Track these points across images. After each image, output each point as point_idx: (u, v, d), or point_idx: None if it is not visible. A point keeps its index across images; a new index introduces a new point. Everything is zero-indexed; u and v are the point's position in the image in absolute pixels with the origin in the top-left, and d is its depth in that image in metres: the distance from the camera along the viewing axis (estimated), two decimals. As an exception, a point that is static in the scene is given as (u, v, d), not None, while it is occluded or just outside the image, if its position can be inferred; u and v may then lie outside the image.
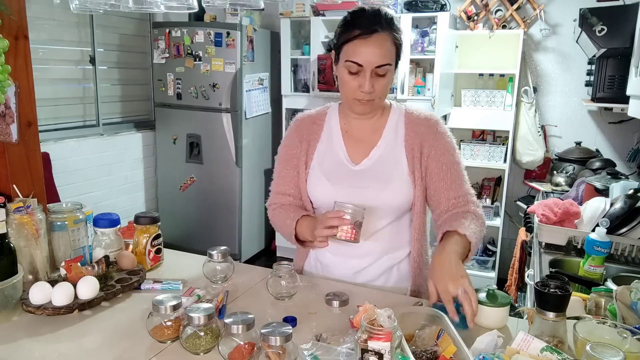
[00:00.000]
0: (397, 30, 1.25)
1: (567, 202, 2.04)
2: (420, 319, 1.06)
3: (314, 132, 1.41)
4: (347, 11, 1.29)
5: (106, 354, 1.01)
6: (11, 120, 1.33)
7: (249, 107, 3.79)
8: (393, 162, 1.33)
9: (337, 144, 1.38)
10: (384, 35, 1.22)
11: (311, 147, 1.40)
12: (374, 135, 1.37)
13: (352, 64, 1.22)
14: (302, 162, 1.40)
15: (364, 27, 1.21)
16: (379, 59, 1.21)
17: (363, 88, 1.23)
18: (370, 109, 1.32)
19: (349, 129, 1.39)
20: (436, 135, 1.34)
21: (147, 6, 1.22)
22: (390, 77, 1.26)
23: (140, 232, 1.42)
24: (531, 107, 3.43)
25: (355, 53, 1.22)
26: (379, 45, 1.21)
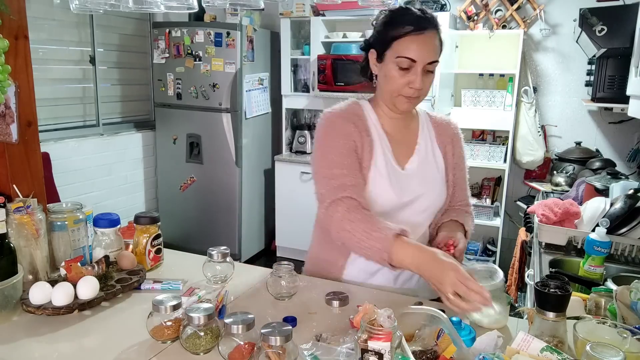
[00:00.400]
0: (439, 29, 1.28)
1: (567, 202, 2.04)
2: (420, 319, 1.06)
3: (364, 130, 1.30)
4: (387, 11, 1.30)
5: (106, 354, 1.01)
6: (11, 120, 1.33)
7: (249, 107, 3.79)
8: (433, 165, 1.37)
9: (385, 146, 1.32)
10: (434, 32, 1.25)
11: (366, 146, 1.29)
12: (412, 137, 1.38)
13: (405, 60, 1.22)
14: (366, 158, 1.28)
15: (415, 24, 1.22)
16: (432, 55, 1.23)
17: (414, 84, 1.23)
18: (414, 106, 1.34)
19: (391, 131, 1.35)
20: (460, 140, 1.43)
21: (147, 6, 1.22)
22: (435, 75, 1.29)
23: (140, 232, 1.42)
24: (531, 107, 3.43)
25: (409, 49, 1.22)
26: (431, 42, 1.23)
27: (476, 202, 3.65)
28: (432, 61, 1.24)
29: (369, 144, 1.29)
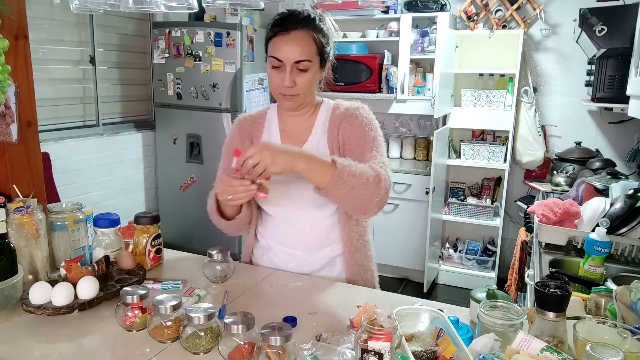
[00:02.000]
0: (317, 29, 1.31)
1: (567, 202, 2.04)
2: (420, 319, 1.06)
3: (255, 130, 1.48)
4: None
5: (106, 354, 1.01)
6: (11, 120, 1.33)
7: (249, 107, 3.79)
8: (319, 154, 1.32)
9: (274, 141, 1.44)
10: (303, 33, 1.29)
11: (256, 142, 1.45)
12: (306, 132, 1.42)
13: (274, 59, 1.30)
14: None
15: (283, 25, 1.30)
16: (297, 55, 1.27)
17: (284, 82, 1.29)
18: (296, 105, 1.37)
19: (285, 127, 1.46)
20: (350, 117, 1.38)
21: (147, 6, 1.22)
22: (313, 73, 1.31)
23: (140, 232, 1.43)
24: (531, 107, 3.43)
25: (276, 49, 1.29)
26: (297, 42, 1.28)
27: (476, 202, 3.65)
28: (299, 60, 1.27)
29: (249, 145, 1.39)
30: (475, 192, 3.81)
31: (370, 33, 3.73)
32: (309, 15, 1.32)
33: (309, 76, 1.31)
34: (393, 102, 3.86)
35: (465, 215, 3.66)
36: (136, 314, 1.08)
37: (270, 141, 1.34)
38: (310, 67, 1.30)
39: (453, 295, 3.60)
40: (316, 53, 1.31)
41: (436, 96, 3.30)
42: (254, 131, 1.48)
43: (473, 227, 3.73)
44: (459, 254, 3.78)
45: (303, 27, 1.29)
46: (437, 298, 3.57)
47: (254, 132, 1.48)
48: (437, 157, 3.36)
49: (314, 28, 1.31)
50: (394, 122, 4.05)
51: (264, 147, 1.16)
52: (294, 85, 1.30)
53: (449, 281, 3.78)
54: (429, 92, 3.64)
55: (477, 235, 3.83)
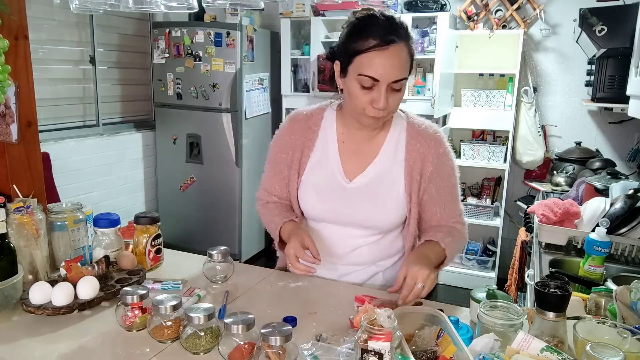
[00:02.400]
0: (412, 40, 1.16)
1: (567, 202, 2.04)
2: (420, 319, 1.06)
3: (308, 139, 1.31)
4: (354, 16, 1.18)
5: (106, 354, 1.01)
6: (11, 120, 1.33)
7: (249, 107, 3.79)
8: (390, 181, 1.27)
9: (332, 156, 1.30)
10: (401, 46, 1.12)
11: (304, 156, 1.32)
12: (373, 148, 1.28)
13: (367, 78, 1.11)
14: (294, 170, 1.33)
15: (380, 37, 1.10)
16: (397, 73, 1.11)
17: (378, 105, 1.13)
18: (380, 124, 1.24)
19: (346, 139, 1.30)
20: (440, 157, 1.26)
21: (147, 6, 1.21)
22: (404, 90, 1.18)
23: (140, 232, 1.42)
24: (531, 107, 3.43)
25: (371, 66, 1.10)
26: (397, 58, 1.11)
27: (476, 202, 3.65)
28: (397, 79, 1.13)
29: (307, 154, 1.31)
30: (475, 192, 3.80)
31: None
32: (403, 23, 1.14)
33: (401, 94, 1.16)
34: (393, 102, 3.86)
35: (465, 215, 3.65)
36: (136, 314, 1.08)
37: (420, 261, 1.14)
38: (404, 84, 1.16)
39: (453, 295, 3.60)
40: (409, 67, 1.16)
41: (436, 96, 3.30)
42: (307, 138, 1.31)
43: (473, 227, 3.67)
44: (459, 253, 3.78)
45: (402, 40, 1.11)
46: (437, 298, 3.57)
47: (306, 140, 1.31)
48: (437, 157, 3.36)
49: (409, 39, 1.14)
50: (394, 122, 4.04)
51: (429, 272, 1.10)
52: (387, 107, 1.15)
53: (449, 281, 3.78)
54: (429, 92, 3.64)
55: (477, 235, 3.83)
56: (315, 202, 1.30)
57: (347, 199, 1.27)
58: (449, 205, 1.31)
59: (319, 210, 1.30)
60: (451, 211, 1.32)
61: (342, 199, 1.27)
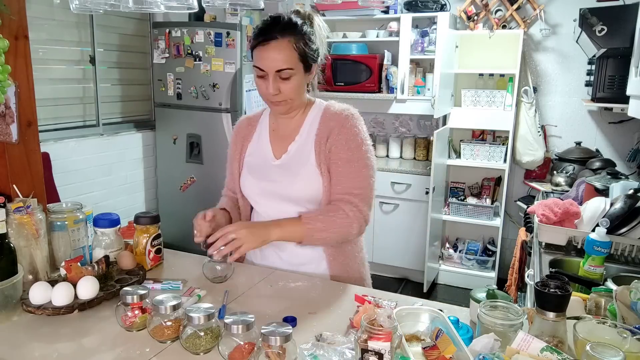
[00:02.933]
0: (298, 35, 1.31)
1: (567, 202, 2.04)
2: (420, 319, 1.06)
3: (248, 132, 1.54)
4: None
5: (106, 354, 1.01)
6: (11, 120, 1.33)
7: (249, 107, 3.79)
8: (304, 156, 1.41)
9: (264, 142, 1.50)
10: (283, 42, 1.30)
11: (244, 146, 1.53)
12: (294, 131, 1.46)
13: (257, 69, 1.33)
14: (235, 160, 1.53)
15: (262, 34, 1.31)
16: (278, 64, 1.30)
17: (269, 90, 1.33)
18: (286, 109, 1.40)
19: (276, 127, 1.50)
20: (341, 129, 1.39)
21: (147, 6, 1.22)
22: (297, 79, 1.34)
23: (140, 232, 1.43)
24: (531, 107, 3.43)
25: (258, 59, 1.32)
26: (277, 51, 1.29)
27: (476, 202, 3.65)
28: (280, 69, 1.30)
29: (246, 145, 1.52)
30: (475, 192, 3.81)
31: (370, 33, 3.73)
32: (290, 21, 1.33)
33: (292, 83, 1.33)
34: (393, 102, 3.86)
35: (465, 215, 3.66)
36: (136, 314, 1.08)
37: (247, 222, 1.40)
38: (293, 74, 1.32)
39: (453, 295, 3.60)
40: (298, 60, 1.32)
41: (436, 96, 3.30)
42: (247, 133, 1.54)
43: (473, 227, 3.73)
44: (459, 254, 3.78)
45: (283, 35, 1.30)
46: (437, 298, 3.57)
47: (247, 134, 1.54)
48: (437, 157, 3.36)
49: (294, 34, 1.31)
50: (394, 122, 4.05)
51: (242, 225, 1.30)
52: (279, 93, 1.33)
53: (449, 281, 3.78)
54: (429, 92, 3.64)
55: (477, 235, 3.83)
56: (251, 182, 1.48)
57: (274, 175, 1.43)
58: (343, 178, 1.38)
59: (255, 189, 1.47)
60: (344, 185, 1.37)
61: (270, 176, 1.44)
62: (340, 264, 1.46)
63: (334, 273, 1.46)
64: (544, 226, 1.95)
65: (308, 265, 1.46)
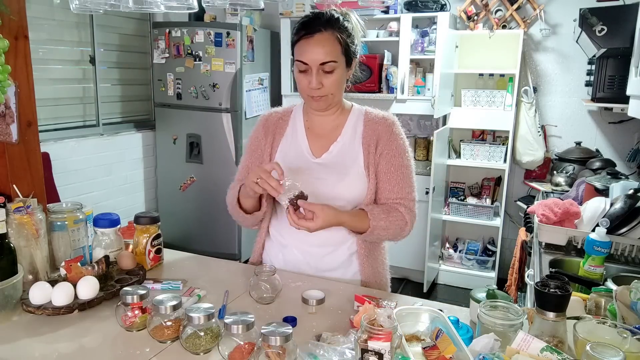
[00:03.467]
0: (341, 29, 1.31)
1: (567, 202, 2.04)
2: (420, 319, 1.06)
3: (279, 127, 1.50)
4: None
5: (106, 354, 1.01)
6: (11, 120, 1.33)
7: (249, 107, 3.79)
8: (351, 156, 1.41)
9: (300, 139, 1.46)
10: (327, 34, 1.30)
11: (276, 140, 1.49)
12: (335, 131, 1.44)
13: (300, 63, 1.32)
14: (266, 153, 1.48)
15: (307, 27, 1.31)
16: (322, 57, 1.29)
17: (311, 85, 1.31)
18: (325, 105, 1.39)
19: (310, 125, 1.48)
20: (391, 135, 1.41)
21: (147, 6, 1.22)
22: (339, 73, 1.33)
23: (140, 232, 1.43)
24: (531, 107, 3.43)
25: (301, 52, 1.31)
26: (322, 44, 1.29)
27: (476, 202, 3.65)
28: (324, 62, 1.29)
29: (278, 139, 1.48)
30: (475, 192, 3.80)
31: (370, 33, 3.72)
32: (332, 15, 1.33)
33: (335, 77, 1.33)
34: (393, 102, 3.86)
35: (465, 215, 3.66)
36: (136, 314, 1.08)
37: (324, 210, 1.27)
38: (336, 67, 1.31)
39: (453, 295, 3.60)
40: (341, 53, 1.32)
41: (436, 96, 3.30)
42: (278, 128, 1.50)
43: (473, 227, 3.72)
44: (459, 254, 3.78)
45: (327, 29, 1.30)
46: (437, 298, 3.57)
47: (278, 129, 1.50)
48: (437, 157, 3.36)
49: (338, 28, 1.31)
50: (394, 122, 4.04)
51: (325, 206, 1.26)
52: (322, 87, 1.32)
53: (449, 281, 3.78)
54: (429, 92, 3.64)
55: (477, 235, 3.83)
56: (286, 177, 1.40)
57: (316, 172, 1.41)
58: (398, 184, 1.40)
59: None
60: (399, 191, 1.40)
61: (310, 173, 1.40)
62: (371, 267, 1.44)
63: (365, 278, 1.44)
64: (544, 226, 1.95)
65: (336, 271, 1.44)
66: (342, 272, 1.44)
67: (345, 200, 1.39)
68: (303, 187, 1.29)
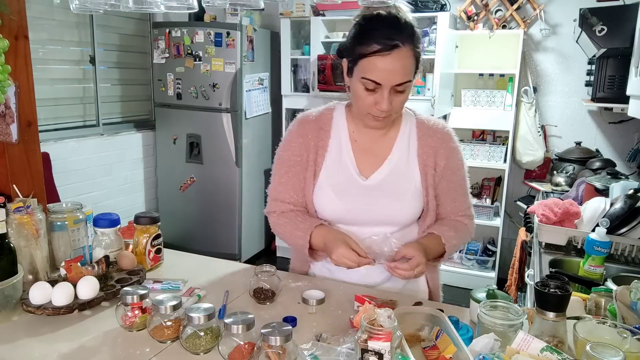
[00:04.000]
0: (418, 41, 1.16)
1: (567, 202, 2.04)
2: (420, 319, 1.06)
3: (321, 140, 1.30)
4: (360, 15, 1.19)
5: (106, 354, 1.01)
6: (11, 120, 1.33)
7: (249, 107, 3.79)
8: (405, 176, 1.28)
9: (346, 155, 1.29)
10: (405, 51, 1.11)
11: (319, 156, 1.30)
12: (386, 146, 1.29)
13: (370, 82, 1.13)
14: (310, 171, 1.30)
15: (383, 42, 1.10)
16: (399, 78, 1.12)
17: (381, 107, 1.14)
18: (386, 124, 1.25)
19: (358, 137, 1.30)
20: (451, 151, 1.30)
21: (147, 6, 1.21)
22: (408, 92, 1.18)
23: (140, 232, 1.42)
24: (531, 107, 3.43)
25: (374, 71, 1.12)
26: (400, 63, 1.11)
27: (476, 202, 3.64)
28: (400, 83, 1.13)
29: (322, 155, 1.30)
30: (475, 192, 3.80)
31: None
32: (410, 24, 1.14)
33: (405, 96, 1.17)
34: (393, 102, 3.86)
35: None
36: (136, 314, 1.08)
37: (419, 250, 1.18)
38: (409, 86, 1.16)
39: (453, 295, 3.59)
40: (414, 69, 1.16)
41: (436, 96, 3.30)
42: (320, 140, 1.30)
43: (473, 227, 3.72)
44: (459, 254, 3.77)
45: (405, 44, 1.11)
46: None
47: (320, 141, 1.30)
48: (437, 157, 3.36)
49: (414, 41, 1.14)
50: (394, 122, 4.04)
51: (423, 260, 1.17)
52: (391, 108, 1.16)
53: (449, 281, 3.78)
54: (429, 92, 3.63)
55: (477, 235, 3.83)
56: (333, 203, 1.27)
57: (365, 196, 1.26)
58: (459, 198, 1.34)
59: (338, 211, 1.27)
60: (460, 204, 1.34)
61: (360, 197, 1.26)
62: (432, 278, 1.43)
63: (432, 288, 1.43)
64: (544, 226, 1.95)
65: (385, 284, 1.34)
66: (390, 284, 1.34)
67: (399, 224, 1.28)
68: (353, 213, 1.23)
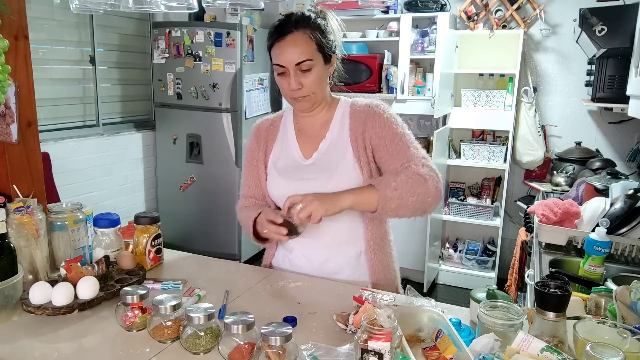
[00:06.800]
0: (312, 27, 1.31)
1: (567, 202, 2.04)
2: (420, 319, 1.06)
3: (271, 133, 1.49)
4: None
5: (106, 354, 1.01)
6: (11, 120, 1.33)
7: (249, 107, 3.79)
8: (340, 152, 1.39)
9: (291, 142, 1.46)
10: (298, 34, 1.30)
11: (269, 147, 1.48)
12: (323, 129, 1.43)
13: (277, 66, 1.32)
14: (261, 162, 1.48)
15: (279, 30, 1.31)
16: (296, 57, 1.29)
17: (291, 86, 1.31)
18: (309, 105, 1.38)
19: (300, 127, 1.47)
20: (374, 116, 1.38)
21: (147, 6, 1.22)
22: (317, 71, 1.32)
23: (140, 232, 1.42)
24: (531, 107, 3.43)
25: (276, 55, 1.31)
26: (294, 44, 1.29)
27: (476, 202, 3.65)
28: (299, 61, 1.29)
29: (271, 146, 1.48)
30: (475, 192, 3.81)
31: (370, 33, 3.73)
32: (302, 14, 1.33)
33: (314, 75, 1.32)
34: (393, 102, 3.86)
35: (465, 215, 3.66)
36: (136, 314, 1.08)
37: (317, 192, 1.29)
38: (313, 65, 1.31)
39: (453, 296, 3.60)
40: (316, 50, 1.31)
41: (436, 96, 3.30)
42: (269, 135, 1.49)
43: (473, 227, 3.72)
44: (459, 254, 3.78)
45: (298, 28, 1.30)
46: (437, 298, 3.56)
47: (269, 135, 1.49)
48: (437, 157, 3.36)
49: (309, 26, 1.31)
50: (394, 122, 4.04)
51: (313, 198, 1.24)
52: (302, 87, 1.31)
53: (449, 281, 3.78)
54: (429, 92, 3.64)
55: (477, 235, 3.83)
56: (281, 184, 1.42)
57: (307, 174, 1.40)
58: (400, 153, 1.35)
59: (286, 190, 1.38)
60: (402, 156, 1.35)
61: (303, 175, 1.40)
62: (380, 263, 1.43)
63: (375, 278, 1.42)
64: (544, 226, 1.95)
65: (342, 273, 1.42)
66: (349, 272, 1.43)
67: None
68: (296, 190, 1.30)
